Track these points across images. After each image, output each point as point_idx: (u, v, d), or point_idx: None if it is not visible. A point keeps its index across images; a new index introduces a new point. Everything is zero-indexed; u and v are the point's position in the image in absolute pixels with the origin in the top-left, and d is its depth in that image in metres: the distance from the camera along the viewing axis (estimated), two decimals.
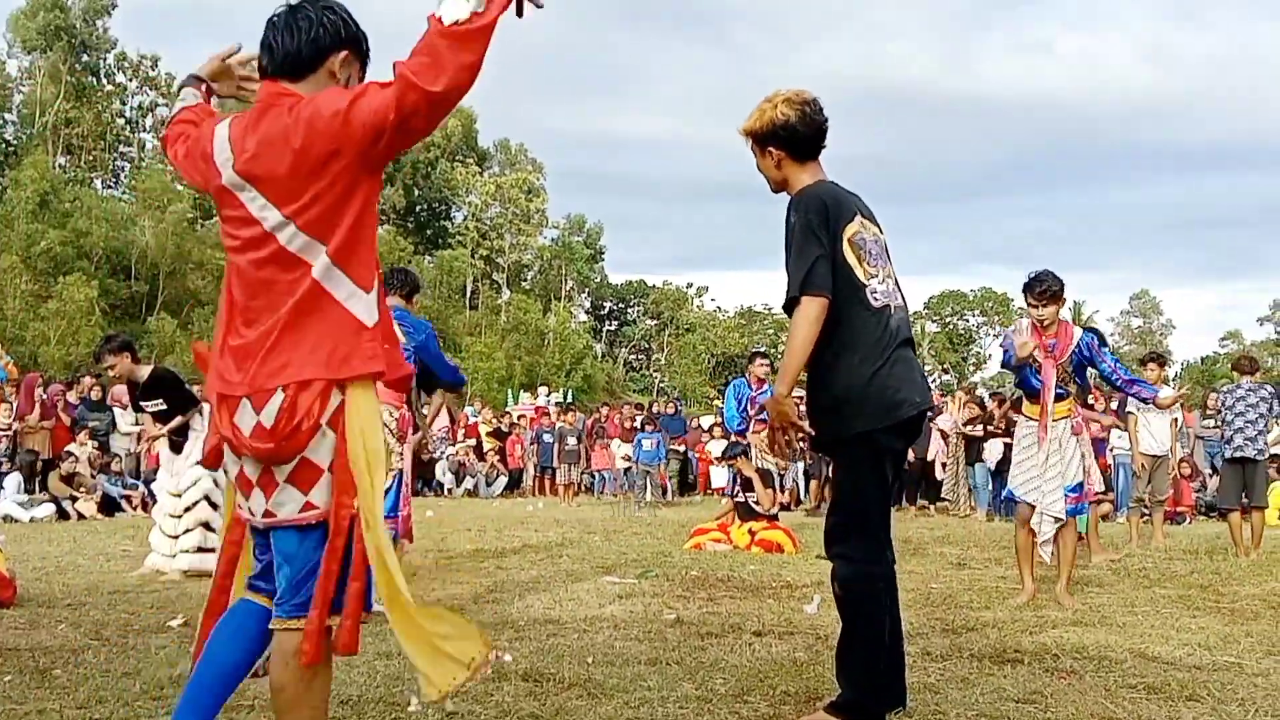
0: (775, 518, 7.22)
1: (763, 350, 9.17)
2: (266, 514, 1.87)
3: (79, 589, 4.77)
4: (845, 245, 2.58)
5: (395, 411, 4.17)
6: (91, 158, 37.11)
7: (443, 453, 14.17)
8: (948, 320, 54.86)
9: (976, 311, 54.82)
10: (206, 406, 5.64)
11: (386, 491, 4.08)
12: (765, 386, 7.97)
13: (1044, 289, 4.55)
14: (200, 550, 5.33)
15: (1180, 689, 2.92)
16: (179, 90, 2.16)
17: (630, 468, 14.08)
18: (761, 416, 7.95)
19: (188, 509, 5.39)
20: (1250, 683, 3.02)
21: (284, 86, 1.87)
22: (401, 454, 4.32)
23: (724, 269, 79.48)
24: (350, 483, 1.82)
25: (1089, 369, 4.77)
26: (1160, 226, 73.77)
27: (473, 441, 15.21)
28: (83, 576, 5.27)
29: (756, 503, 7.18)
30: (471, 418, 16.09)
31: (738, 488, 7.40)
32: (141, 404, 5.60)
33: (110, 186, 38.11)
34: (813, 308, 2.52)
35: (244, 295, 1.86)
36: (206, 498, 5.43)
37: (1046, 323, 4.58)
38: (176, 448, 5.53)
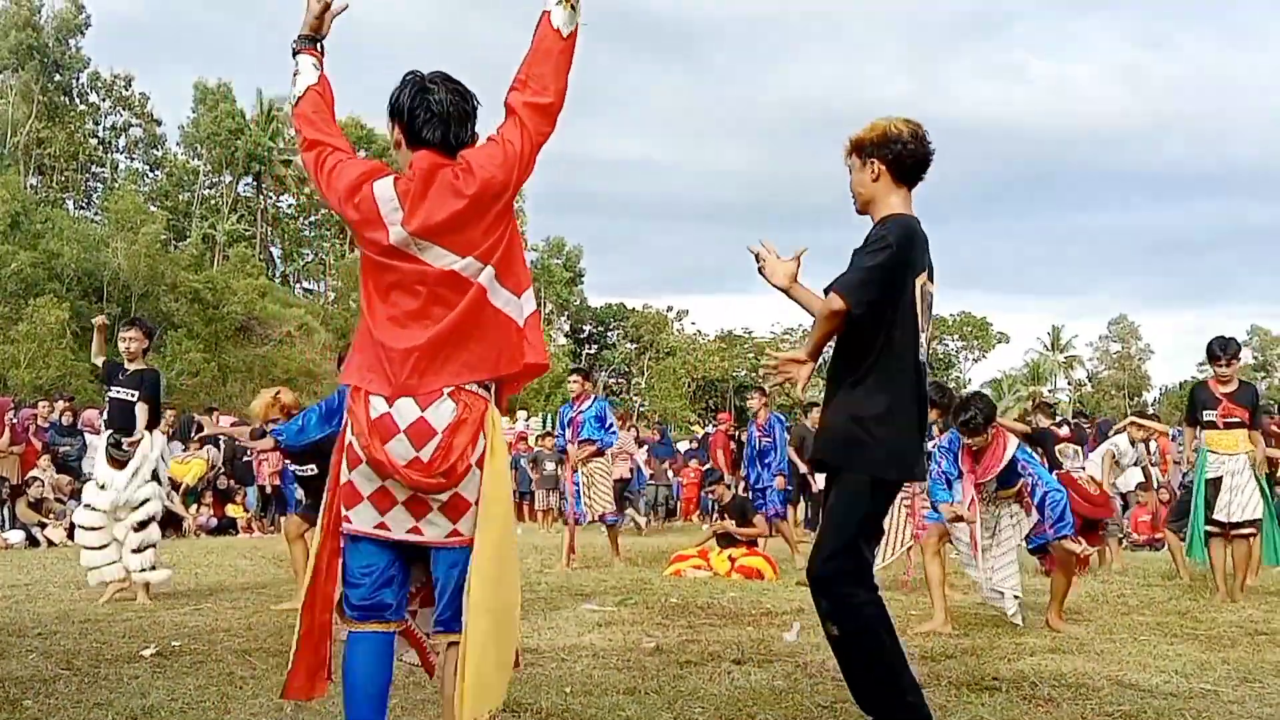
0: (755, 544, 7.23)
1: (579, 365, 8.85)
2: (413, 530, 2.03)
3: (49, 617, 4.67)
4: (916, 292, 2.52)
5: None
6: (63, 178, 36.67)
7: None
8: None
9: (955, 336, 55.39)
10: (157, 433, 5.51)
11: None
12: (583, 404, 7.58)
13: (967, 420, 4.49)
14: (150, 570, 5.25)
15: (1157, 717, 2.95)
16: (294, 56, 2.22)
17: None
18: (583, 436, 7.54)
19: (136, 529, 5.24)
20: (1226, 710, 3.05)
21: (441, 157, 2.06)
22: None
23: (704, 292, 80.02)
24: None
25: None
26: (1138, 251, 74.93)
27: None
28: (53, 604, 5.16)
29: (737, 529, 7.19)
30: None
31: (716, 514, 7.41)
32: (115, 384, 5.37)
33: (82, 207, 37.63)
34: (835, 304, 2.42)
35: (403, 302, 2.03)
36: (153, 518, 5.33)
37: (976, 448, 4.59)
38: (118, 463, 5.33)
